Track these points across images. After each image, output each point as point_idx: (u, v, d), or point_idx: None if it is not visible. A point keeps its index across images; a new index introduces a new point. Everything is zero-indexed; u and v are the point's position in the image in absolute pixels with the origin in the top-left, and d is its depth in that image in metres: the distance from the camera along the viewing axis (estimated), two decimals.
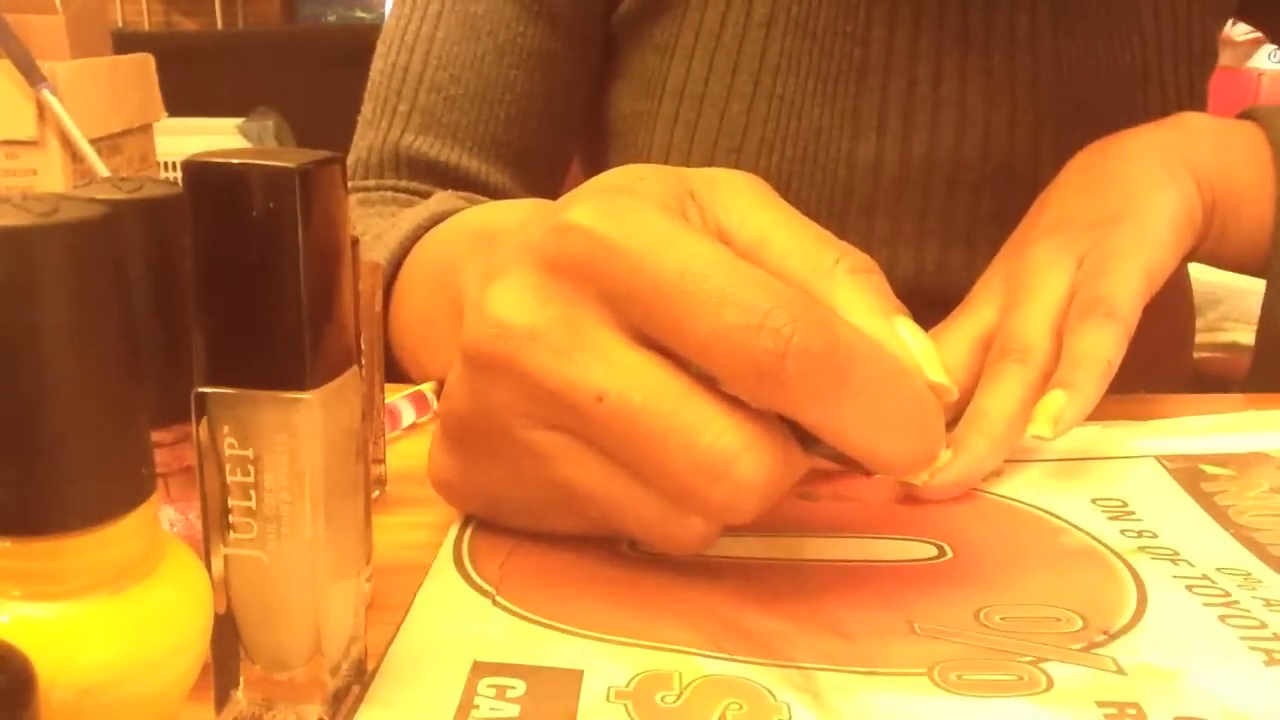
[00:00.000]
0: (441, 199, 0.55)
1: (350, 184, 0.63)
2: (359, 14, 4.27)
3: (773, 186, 0.59)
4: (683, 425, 0.27)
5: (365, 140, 0.63)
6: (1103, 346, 0.40)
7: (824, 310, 0.27)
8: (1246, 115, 0.53)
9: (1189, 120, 0.51)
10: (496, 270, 0.30)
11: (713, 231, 0.30)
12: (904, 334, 0.29)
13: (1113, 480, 0.40)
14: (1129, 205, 0.45)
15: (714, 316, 0.26)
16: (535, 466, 0.30)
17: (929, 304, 0.49)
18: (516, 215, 0.45)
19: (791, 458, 0.28)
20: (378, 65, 0.63)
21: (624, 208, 0.28)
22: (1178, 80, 0.62)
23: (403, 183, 0.61)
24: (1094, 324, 0.40)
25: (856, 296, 0.29)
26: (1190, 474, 0.40)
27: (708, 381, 0.28)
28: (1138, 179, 0.47)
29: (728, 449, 0.27)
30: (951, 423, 0.41)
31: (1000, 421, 0.39)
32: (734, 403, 0.27)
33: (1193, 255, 0.50)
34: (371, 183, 0.62)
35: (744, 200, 0.31)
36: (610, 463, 0.29)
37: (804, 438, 0.28)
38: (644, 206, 0.28)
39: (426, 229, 0.52)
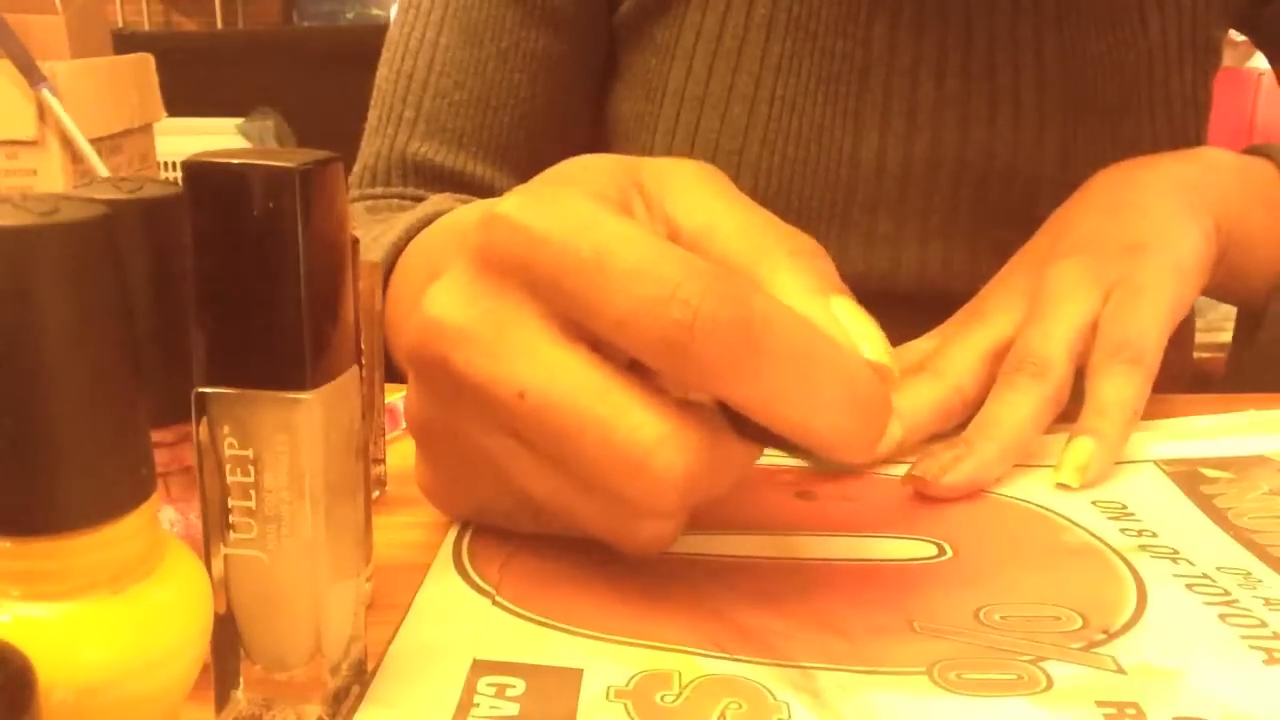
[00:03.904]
0: (436, 201, 0.56)
1: (358, 191, 0.63)
2: (374, 11, 4.26)
3: (775, 187, 0.59)
4: (599, 419, 0.27)
5: (372, 147, 0.63)
6: (1128, 395, 0.40)
7: (740, 283, 0.26)
8: (1260, 153, 0.54)
9: (1209, 156, 0.51)
10: (440, 269, 0.30)
11: (660, 222, 0.30)
12: (839, 313, 0.28)
13: (1112, 484, 0.40)
14: (1157, 237, 0.45)
15: (626, 292, 0.26)
16: (494, 471, 0.30)
17: (933, 303, 0.49)
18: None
19: (719, 449, 0.27)
20: (382, 72, 0.63)
21: (549, 196, 0.28)
22: (1183, 79, 0.62)
23: (410, 190, 0.61)
24: (1121, 370, 0.41)
25: (793, 279, 0.28)
26: (1189, 477, 0.40)
27: (633, 375, 0.27)
28: (1163, 211, 0.46)
29: (644, 441, 0.26)
30: (960, 427, 0.41)
31: (1011, 430, 0.40)
32: (656, 395, 0.27)
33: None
34: (379, 190, 0.62)
35: (693, 191, 0.31)
36: (551, 464, 0.29)
37: (745, 429, 0.28)
38: (570, 194, 0.28)
39: (419, 230, 0.52)
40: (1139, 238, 0.45)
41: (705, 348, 0.25)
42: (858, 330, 0.28)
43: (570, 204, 0.28)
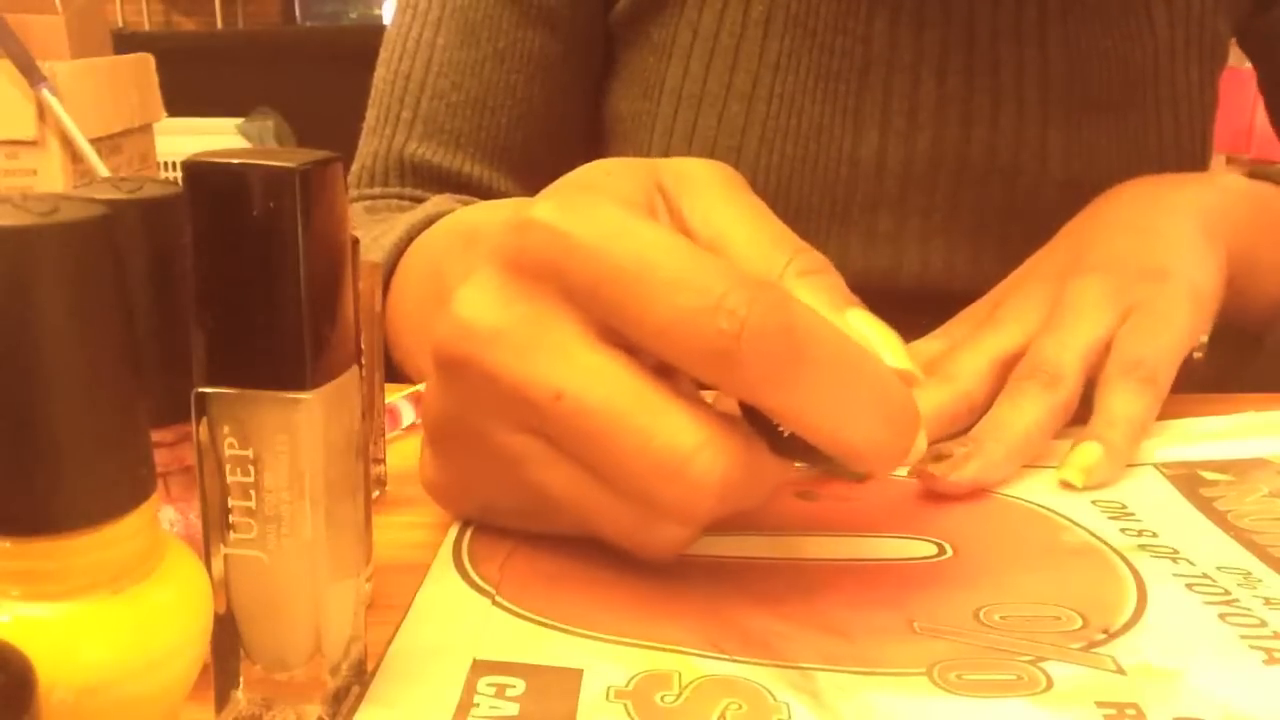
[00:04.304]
0: (436, 202, 0.56)
1: (356, 192, 0.63)
2: (377, 11, 4.28)
3: (774, 185, 0.58)
4: (638, 424, 0.27)
5: (370, 148, 0.63)
6: (1139, 410, 0.41)
7: (780, 292, 0.27)
8: (1269, 177, 0.54)
9: (1226, 182, 0.52)
10: (468, 271, 0.30)
11: (677, 228, 0.30)
12: (858, 325, 0.29)
13: (1112, 485, 0.40)
14: (1178, 264, 0.45)
15: (669, 301, 0.26)
16: (512, 470, 0.30)
17: (935, 302, 0.49)
18: (499, 215, 0.45)
19: (755, 460, 0.28)
20: (380, 73, 0.63)
21: (582, 203, 0.28)
22: (1189, 78, 0.61)
23: (407, 190, 0.62)
24: (1134, 387, 0.41)
25: (808, 297, 0.29)
26: (1189, 480, 0.40)
27: (670, 382, 0.28)
28: (1184, 239, 0.46)
29: (683, 447, 0.27)
30: (965, 429, 0.41)
31: (1019, 434, 0.40)
32: (694, 403, 0.27)
33: None
34: (377, 190, 0.62)
35: (708, 196, 0.31)
36: (577, 466, 0.29)
37: (777, 443, 0.28)
38: (602, 200, 0.28)
39: (420, 230, 0.53)
40: (1161, 263, 0.45)
41: (751, 357, 0.26)
42: (878, 340, 0.29)
43: (604, 210, 0.28)
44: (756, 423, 0.28)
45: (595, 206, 0.28)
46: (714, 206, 0.31)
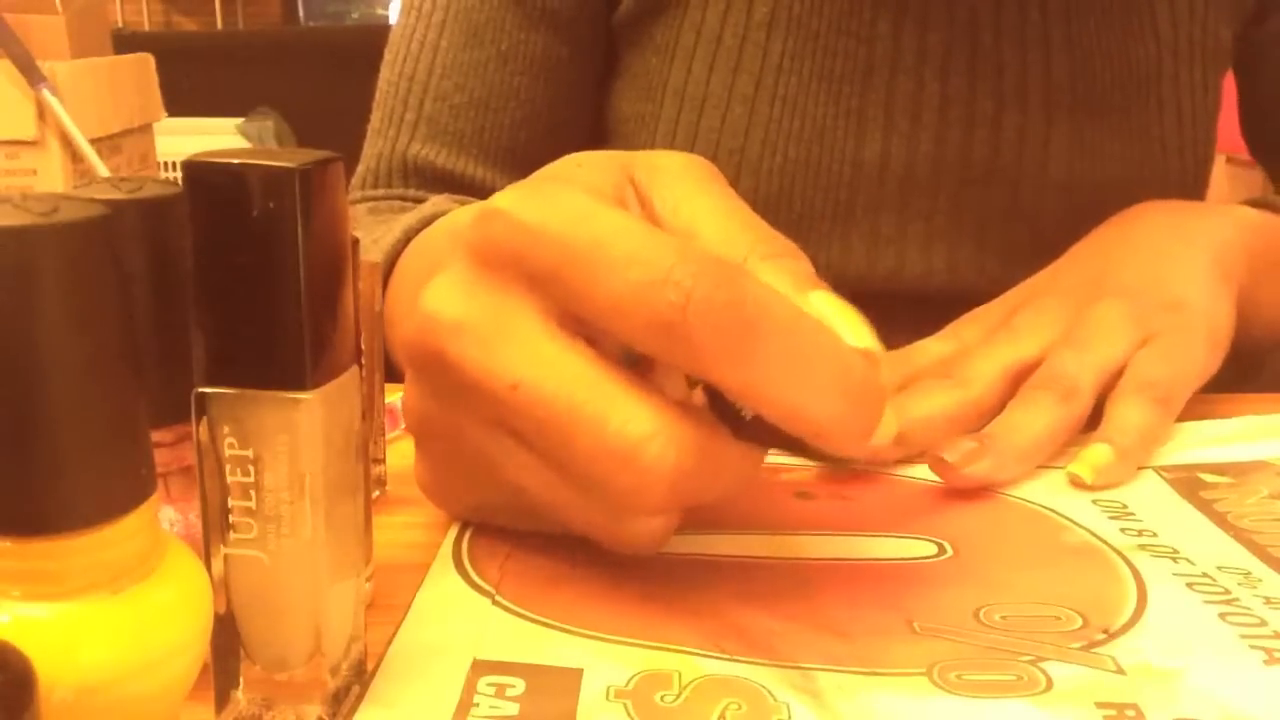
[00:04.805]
0: (435, 202, 0.56)
1: (360, 193, 0.63)
2: (379, 12, 4.28)
3: (777, 187, 0.58)
4: (591, 412, 0.27)
5: (374, 149, 0.63)
6: (1150, 422, 0.41)
7: (731, 267, 0.26)
8: (1268, 206, 0.55)
9: (1240, 215, 0.53)
10: (439, 266, 0.30)
11: (648, 219, 0.30)
12: (819, 305, 0.28)
13: (1111, 489, 0.40)
14: (1200, 299, 0.46)
15: (620, 277, 0.26)
16: (489, 469, 0.30)
17: (938, 303, 0.49)
18: None
19: (713, 448, 0.27)
20: (385, 74, 0.63)
21: (544, 191, 0.29)
22: (1192, 79, 0.61)
23: (411, 191, 0.62)
24: (1148, 403, 0.42)
25: (771, 280, 0.28)
26: (1189, 483, 0.40)
27: (627, 372, 0.28)
28: (1206, 274, 0.47)
29: (634, 435, 0.27)
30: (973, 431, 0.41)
31: (1030, 438, 0.40)
32: (650, 392, 0.27)
33: None
34: (380, 192, 0.62)
35: (679, 188, 0.31)
36: (543, 460, 0.29)
37: (740, 428, 0.28)
38: (566, 189, 0.29)
39: (418, 231, 0.53)
40: (1183, 297, 0.46)
41: (698, 329, 0.26)
42: (839, 320, 0.28)
43: (566, 198, 0.28)
44: (720, 408, 0.28)
45: (556, 194, 0.28)
46: (684, 198, 0.31)
